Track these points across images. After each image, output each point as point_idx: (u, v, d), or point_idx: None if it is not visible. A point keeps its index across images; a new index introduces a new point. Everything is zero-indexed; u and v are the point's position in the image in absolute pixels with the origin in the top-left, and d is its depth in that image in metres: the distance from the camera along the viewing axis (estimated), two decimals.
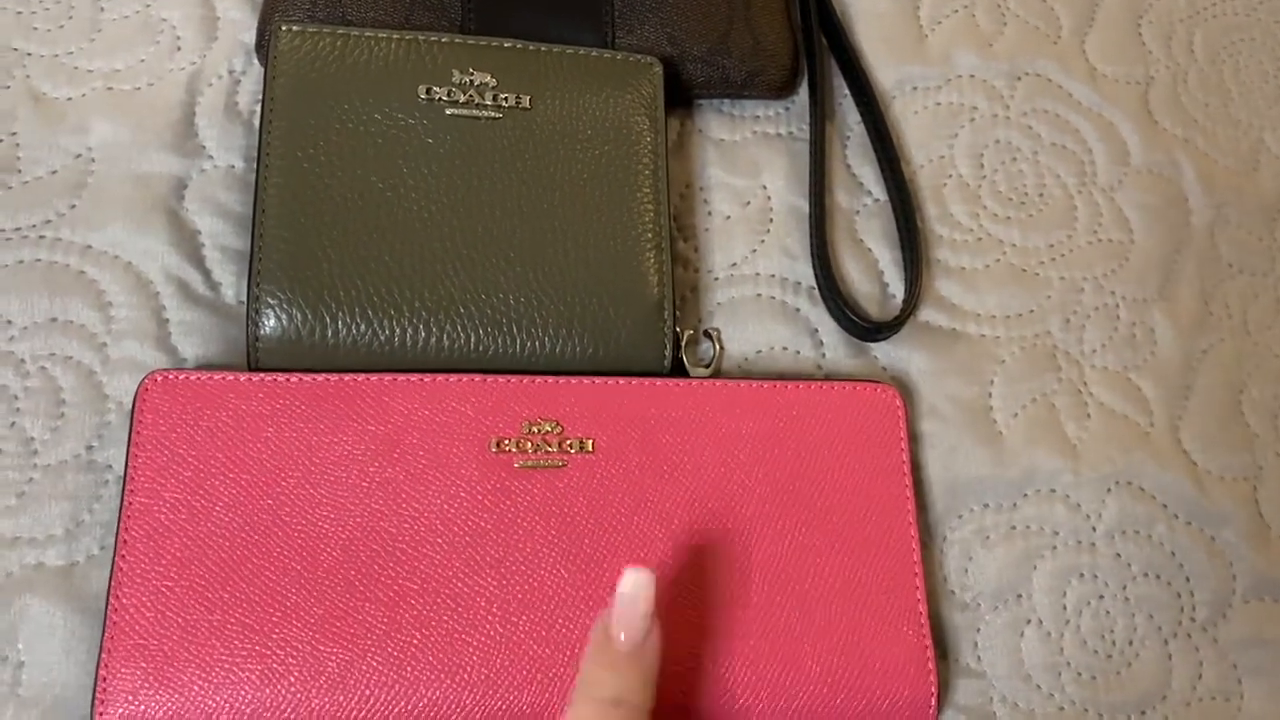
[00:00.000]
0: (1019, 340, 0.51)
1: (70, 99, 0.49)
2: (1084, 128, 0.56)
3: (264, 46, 0.49)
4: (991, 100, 0.56)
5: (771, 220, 0.52)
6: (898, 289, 0.51)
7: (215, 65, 0.51)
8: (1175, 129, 0.57)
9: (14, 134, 0.48)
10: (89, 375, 0.45)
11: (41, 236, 0.46)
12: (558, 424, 0.44)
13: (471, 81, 0.47)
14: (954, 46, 0.56)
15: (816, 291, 0.51)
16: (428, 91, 0.47)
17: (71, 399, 0.44)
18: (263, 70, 0.50)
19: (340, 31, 0.47)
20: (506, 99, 0.47)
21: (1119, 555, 0.48)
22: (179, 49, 0.51)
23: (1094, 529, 0.48)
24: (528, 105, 0.48)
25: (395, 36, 0.48)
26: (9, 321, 0.45)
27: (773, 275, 0.51)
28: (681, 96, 0.53)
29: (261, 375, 0.43)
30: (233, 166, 0.49)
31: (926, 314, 0.51)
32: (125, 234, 0.47)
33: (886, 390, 0.47)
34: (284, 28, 0.47)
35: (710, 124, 0.54)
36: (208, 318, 0.46)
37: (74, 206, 0.47)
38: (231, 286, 0.47)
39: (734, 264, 0.51)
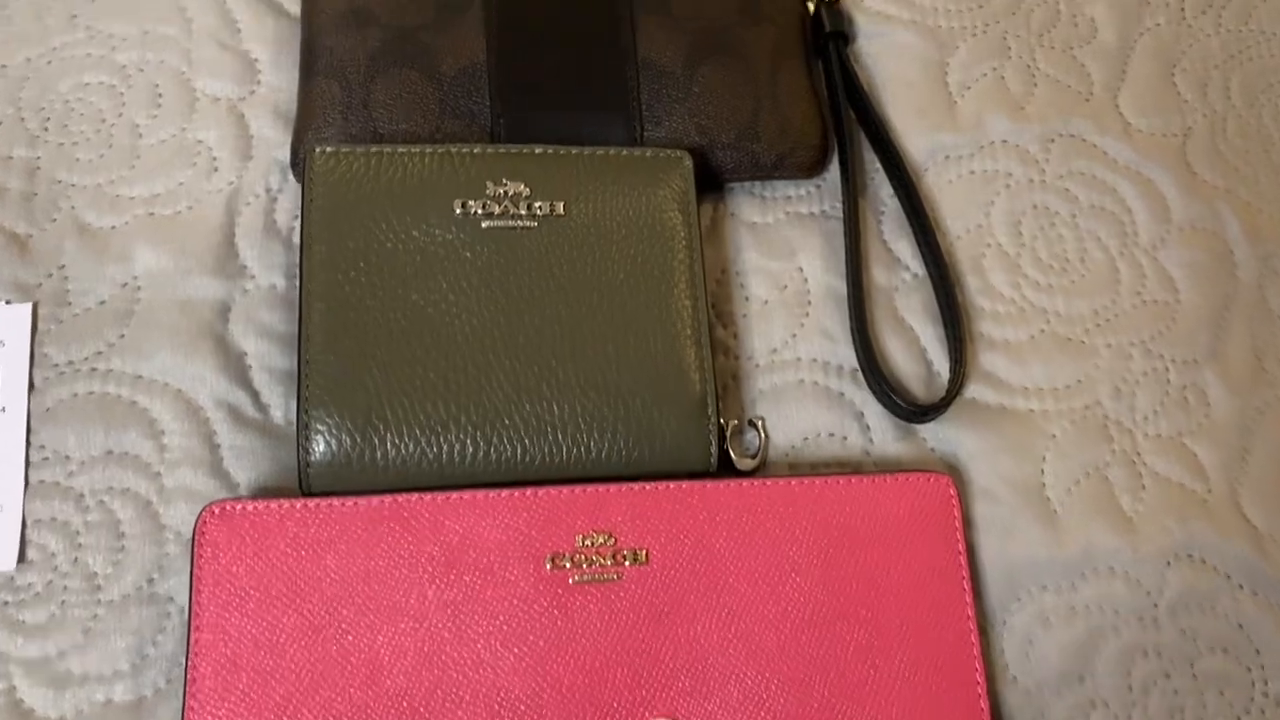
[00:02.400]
0: (1069, 413, 0.50)
1: (114, 228, 0.50)
2: (1122, 187, 0.55)
3: (299, 164, 0.50)
4: (1026, 165, 0.55)
5: (810, 303, 0.52)
6: (942, 366, 0.51)
7: (252, 184, 0.51)
8: (1216, 180, 0.56)
9: (62, 267, 0.49)
10: (146, 506, 0.45)
11: (94, 369, 0.47)
12: (610, 536, 0.44)
13: (505, 193, 0.48)
14: (985, 112, 0.56)
15: (860, 374, 0.50)
16: (463, 205, 0.47)
17: (130, 531, 0.45)
18: (299, 187, 0.51)
19: (373, 150, 0.48)
20: (541, 207, 0.48)
21: (1184, 631, 0.47)
22: (216, 170, 0.51)
23: (1156, 605, 0.47)
24: (562, 212, 0.48)
25: (428, 151, 0.48)
26: (67, 457, 0.46)
27: (814, 359, 0.51)
28: (712, 182, 0.53)
29: (316, 501, 0.43)
30: (274, 286, 0.50)
31: (973, 390, 0.50)
32: (174, 361, 0.48)
33: (939, 480, 0.47)
34: (318, 150, 0.47)
35: (742, 207, 0.54)
36: (258, 440, 0.47)
37: (123, 336, 0.48)
38: (280, 407, 0.48)
39: (774, 349, 0.51)
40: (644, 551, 0.44)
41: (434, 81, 0.51)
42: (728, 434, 0.48)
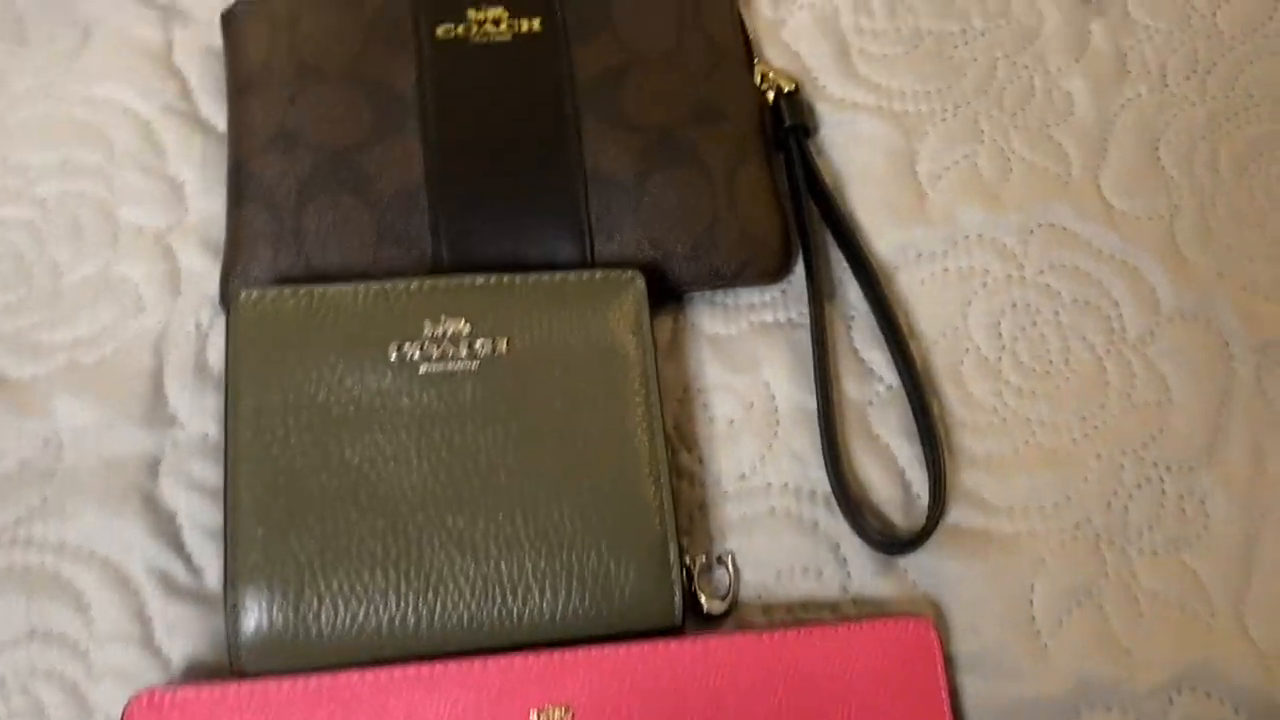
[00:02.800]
0: (1058, 534, 0.47)
1: (34, 377, 0.47)
2: (1107, 278, 0.52)
3: (228, 301, 0.47)
4: (1004, 260, 0.52)
5: (778, 421, 0.49)
6: (922, 488, 0.48)
7: (181, 322, 0.48)
8: (1207, 262, 0.52)
9: None
10: (73, 689, 0.42)
11: (14, 538, 0.44)
12: (568, 709, 0.41)
13: (444, 333, 0.45)
14: (958, 203, 0.53)
15: (834, 500, 0.47)
16: (399, 350, 0.44)
17: (56, 717, 0.42)
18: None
19: (302, 291, 0.45)
20: (482, 346, 0.45)
21: None
22: (142, 308, 0.49)
23: None
24: (504, 349, 0.45)
25: (361, 290, 0.45)
26: None
27: (785, 484, 0.48)
28: (669, 294, 0.50)
29: (249, 684, 0.40)
30: (207, 434, 0.47)
31: (956, 514, 0.47)
32: (100, 525, 0.45)
33: (919, 624, 0.43)
34: (242, 295, 0.45)
35: (703, 318, 0.51)
36: (192, 610, 0.44)
37: (45, 500, 0.45)
38: (215, 570, 0.45)
39: (743, 475, 0.48)
40: None
41: (369, 206, 0.48)
42: (695, 572, 0.45)
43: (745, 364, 0.50)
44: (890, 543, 0.45)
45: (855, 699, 0.42)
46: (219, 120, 0.53)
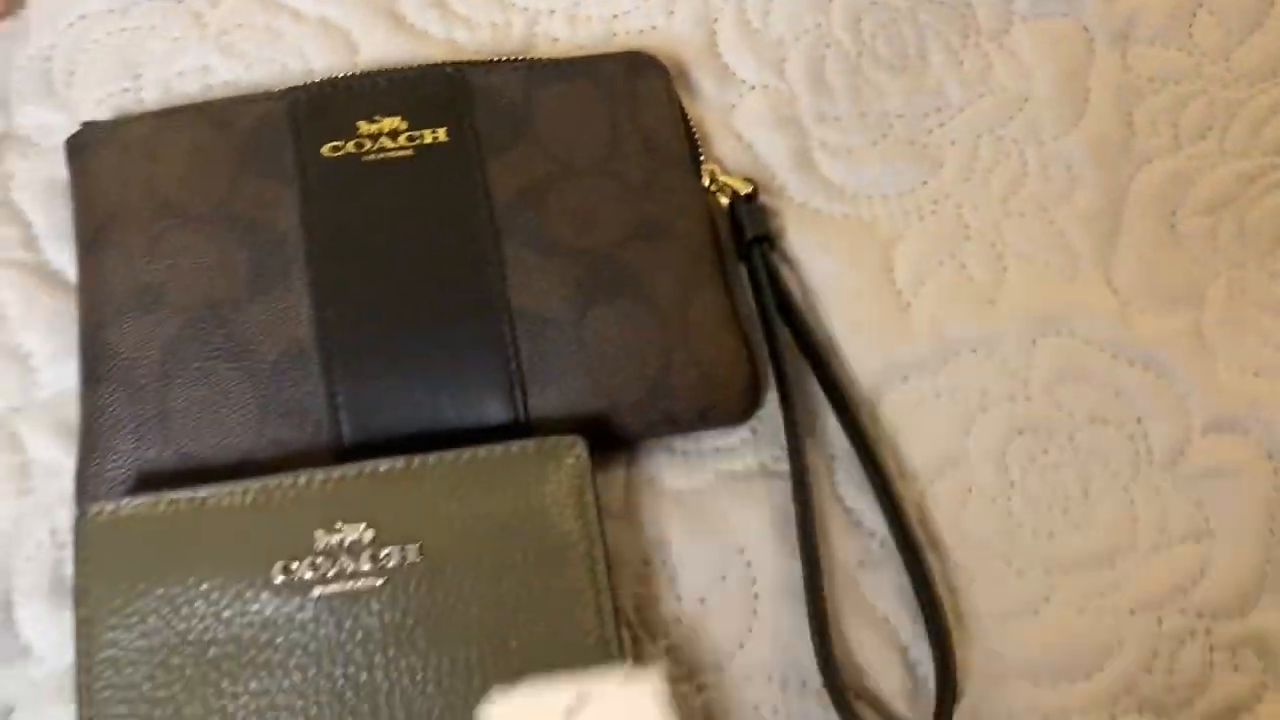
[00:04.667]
0: (1097, 695, 0.40)
1: None
2: (1128, 391, 0.44)
3: (82, 504, 0.39)
4: (1005, 378, 0.44)
5: (758, 595, 0.41)
6: (930, 667, 0.40)
7: (31, 529, 0.40)
8: (1241, 361, 0.45)
9: None
10: None
11: None
12: None
13: (341, 542, 0.37)
14: (946, 313, 0.45)
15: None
16: (286, 570, 0.36)
17: None
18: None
19: (165, 501, 0.37)
20: (388, 556, 0.37)
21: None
22: None
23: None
24: (416, 557, 0.37)
25: (239, 492, 0.37)
26: None
27: (769, 676, 0.40)
28: (619, 443, 0.42)
29: None
30: (69, 668, 0.39)
31: (974, 699, 0.40)
32: None
33: None
34: (93, 513, 0.36)
35: (662, 470, 0.43)
36: None
37: None
38: None
39: (719, 666, 0.40)
40: None
41: (249, 375, 0.40)
42: None
43: (714, 525, 0.42)
44: None
45: None
46: (72, 271, 0.44)
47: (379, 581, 0.36)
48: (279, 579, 0.36)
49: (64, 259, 0.45)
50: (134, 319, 0.40)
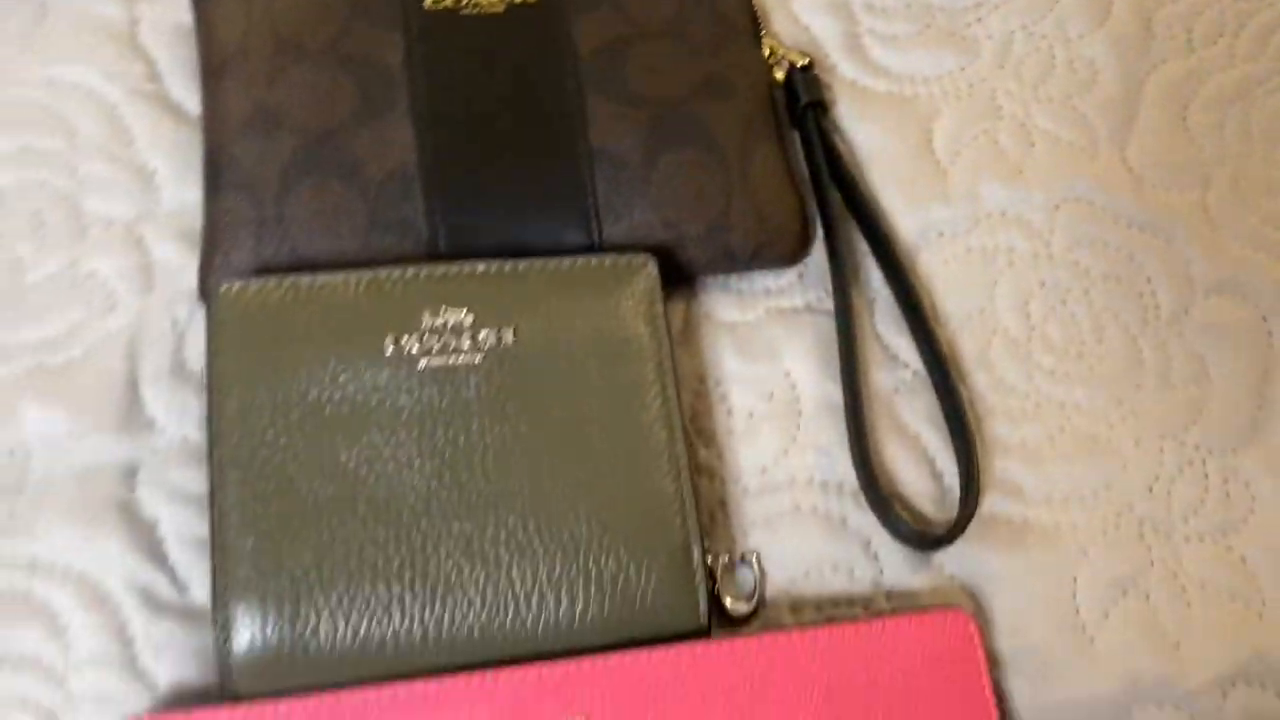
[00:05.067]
0: (1100, 523, 0.44)
1: None
2: (1138, 253, 0.49)
3: (208, 294, 0.43)
4: (1030, 237, 0.49)
5: (801, 413, 0.46)
6: (955, 478, 0.45)
7: (156, 319, 0.45)
8: (1241, 234, 0.50)
9: None
10: (49, 718, 0.39)
11: None
12: None
13: (445, 324, 0.41)
14: (978, 180, 0.50)
15: (863, 494, 0.44)
16: (396, 343, 0.41)
17: None
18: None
19: (289, 282, 0.41)
20: (485, 337, 0.42)
21: None
22: (113, 306, 0.45)
23: None
24: (510, 340, 0.42)
25: (354, 279, 0.42)
26: None
27: (810, 479, 0.45)
28: (682, 278, 0.47)
29: (244, 708, 0.37)
30: (187, 438, 0.43)
31: (991, 504, 0.45)
32: (74, 540, 0.41)
33: (957, 617, 0.41)
34: (224, 287, 0.41)
35: (718, 305, 0.48)
36: (178, 627, 0.40)
37: (12, 515, 0.41)
38: (201, 584, 0.41)
39: (764, 469, 0.45)
40: None
41: (359, 190, 0.45)
42: (718, 574, 0.42)
43: (764, 353, 0.47)
44: (923, 537, 0.43)
45: (894, 698, 0.39)
46: (190, 104, 0.49)
47: (477, 358, 0.41)
48: (389, 350, 0.41)
49: (185, 94, 0.49)
50: (255, 138, 0.45)
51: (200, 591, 0.41)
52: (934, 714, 0.40)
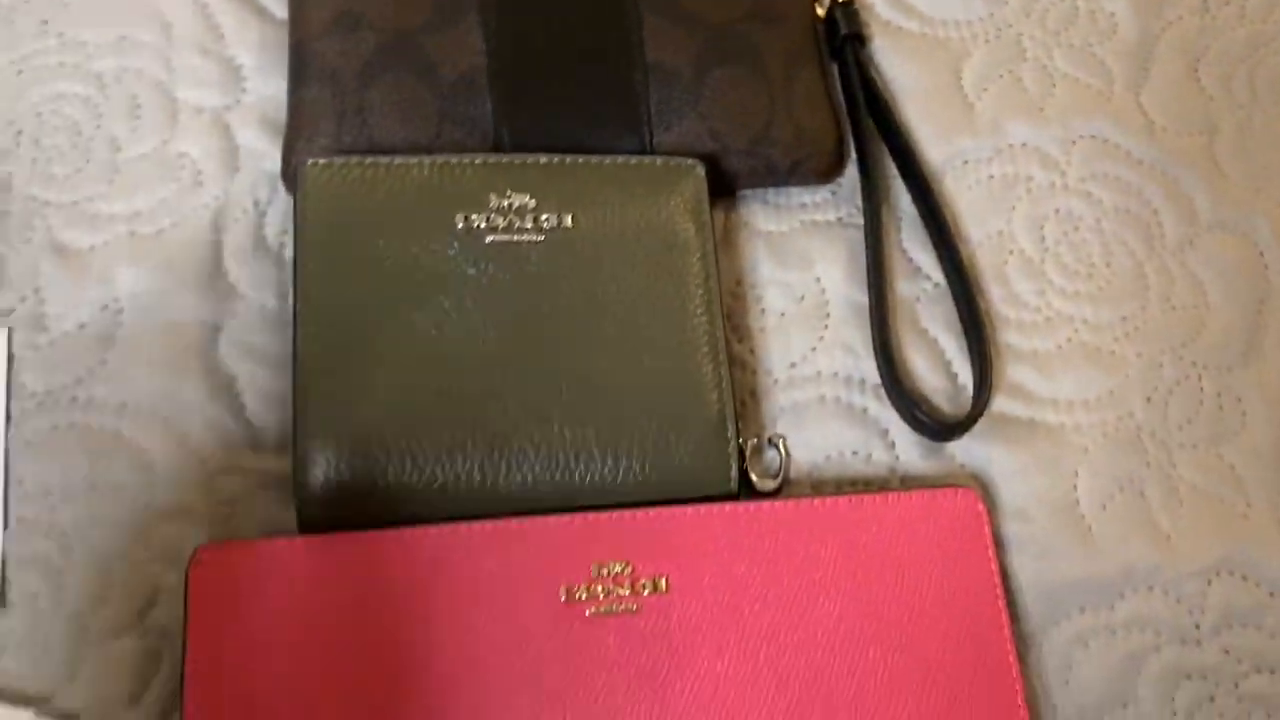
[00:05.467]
0: (1101, 425, 0.48)
1: (93, 247, 0.47)
2: (1147, 188, 0.53)
3: (290, 176, 0.47)
4: (1047, 168, 0.53)
5: (829, 315, 0.50)
6: (968, 379, 0.49)
7: (239, 198, 0.49)
8: (1244, 179, 0.54)
9: (38, 290, 0.46)
10: (139, 537, 0.43)
11: (74, 398, 0.44)
12: (628, 564, 0.42)
13: (510, 205, 0.45)
14: (1003, 115, 0.54)
15: (883, 389, 0.48)
16: (465, 219, 0.45)
17: (118, 565, 0.42)
18: (289, 201, 0.48)
19: (369, 161, 0.45)
20: (547, 220, 0.45)
21: (1228, 651, 0.45)
22: (200, 184, 0.49)
23: (1198, 626, 0.45)
24: (570, 224, 0.45)
25: (427, 162, 0.46)
26: (49, 492, 0.43)
27: (835, 374, 0.49)
28: (724, 189, 0.51)
29: (314, 539, 0.41)
30: (265, 306, 0.47)
31: (1001, 404, 0.48)
32: (160, 387, 0.45)
33: (967, 495, 0.44)
34: (310, 162, 0.45)
35: (756, 216, 0.52)
36: (253, 468, 0.44)
37: (105, 362, 0.45)
38: (274, 435, 0.45)
39: (793, 364, 0.49)
40: (663, 579, 0.42)
41: (432, 88, 0.48)
42: (747, 454, 0.45)
43: (797, 260, 0.51)
44: (938, 427, 0.46)
45: (907, 566, 0.43)
46: (274, 6, 0.53)
47: (539, 238, 0.45)
48: (459, 225, 0.45)
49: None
50: (338, 36, 0.49)
51: (272, 439, 0.45)
52: (943, 581, 0.43)
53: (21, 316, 0.46)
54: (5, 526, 0.42)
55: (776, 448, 0.47)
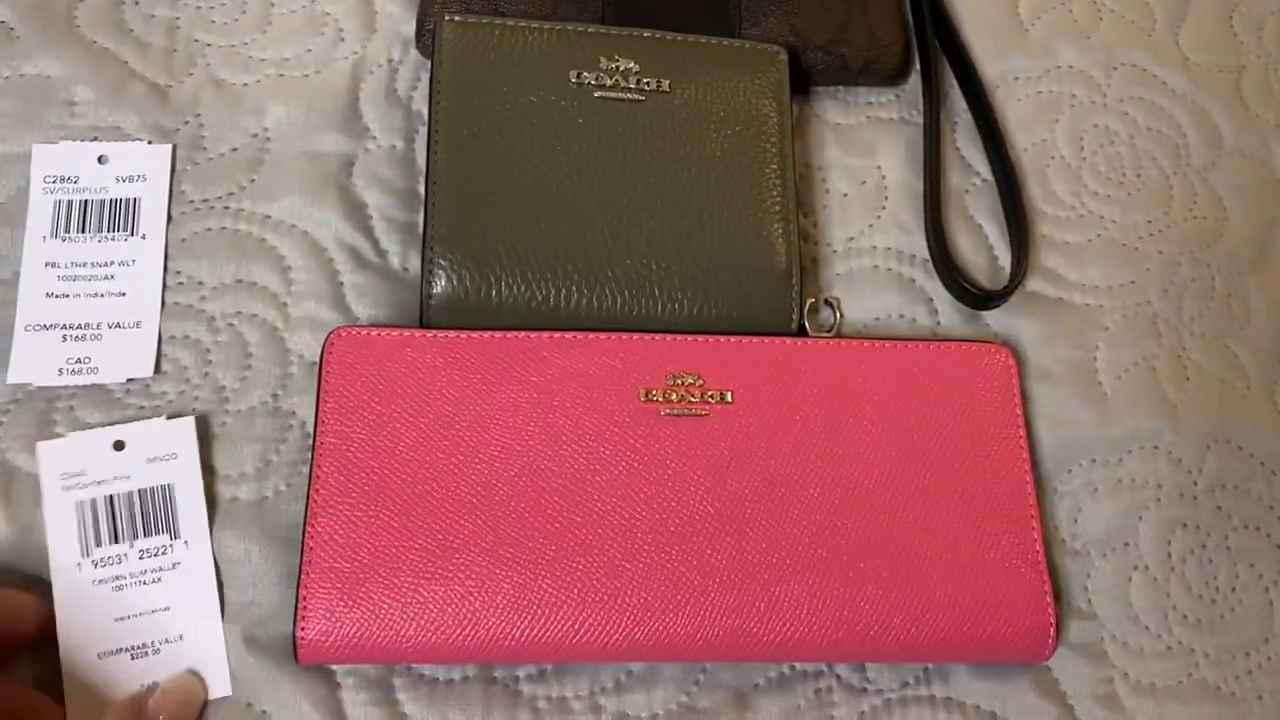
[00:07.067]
0: (1121, 309, 0.54)
1: (246, 85, 0.54)
2: (1178, 114, 0.59)
3: (423, 37, 0.54)
4: (1090, 89, 0.59)
5: (886, 198, 0.56)
6: (1006, 262, 0.55)
7: (375, 55, 0.55)
8: (1266, 114, 0.60)
9: (199, 115, 0.53)
10: (272, 331, 0.49)
11: (226, 207, 0.51)
12: (699, 377, 0.48)
13: (617, 67, 0.52)
14: (1054, 40, 0.60)
15: (930, 264, 0.54)
16: (578, 76, 0.51)
17: (257, 352, 0.49)
18: (420, 59, 0.55)
19: (498, 23, 0.52)
20: (648, 83, 0.52)
21: (1220, 508, 0.51)
22: (342, 40, 0.55)
23: (1195, 483, 0.51)
24: (667, 89, 0.52)
25: (547, 27, 0.52)
26: (200, 283, 0.50)
27: (889, 248, 0.55)
28: (800, 84, 0.57)
29: (434, 333, 0.47)
30: (394, 146, 0.53)
31: (1034, 284, 0.54)
32: (300, 205, 0.51)
33: (1000, 350, 0.50)
34: (448, 19, 0.51)
35: (827, 109, 0.58)
36: (377, 281, 0.51)
37: (253, 180, 0.52)
38: (397, 254, 0.51)
39: (851, 238, 0.55)
40: (729, 393, 0.48)
41: None
42: (805, 309, 0.51)
43: (861, 149, 0.57)
44: (978, 296, 0.52)
45: (944, 405, 0.49)
46: None
47: (640, 98, 0.51)
48: (573, 81, 0.51)
49: None
50: None
51: (396, 260, 0.51)
52: (976, 418, 0.49)
53: (184, 136, 0.52)
54: (163, 306, 0.49)
55: (831, 307, 0.53)
